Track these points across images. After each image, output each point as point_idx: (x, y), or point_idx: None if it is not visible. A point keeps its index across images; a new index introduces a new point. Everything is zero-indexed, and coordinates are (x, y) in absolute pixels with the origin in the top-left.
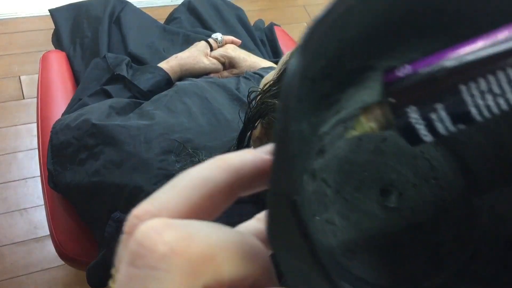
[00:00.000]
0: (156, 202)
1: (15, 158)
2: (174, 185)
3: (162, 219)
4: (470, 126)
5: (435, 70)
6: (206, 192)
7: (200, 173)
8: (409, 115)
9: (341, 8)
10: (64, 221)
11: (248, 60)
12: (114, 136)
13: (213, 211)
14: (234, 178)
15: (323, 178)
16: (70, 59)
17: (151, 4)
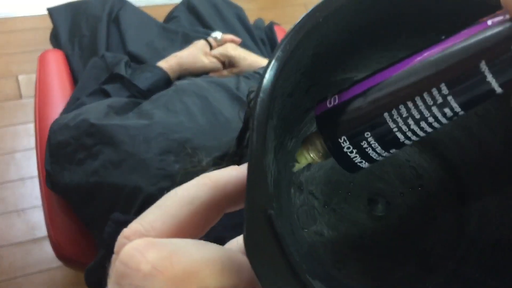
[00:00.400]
0: (144, 222)
1: (12, 158)
2: (161, 204)
3: (145, 239)
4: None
5: (360, 100)
6: (193, 210)
7: (187, 191)
8: (342, 145)
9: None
10: (62, 221)
11: (248, 59)
12: (112, 136)
13: (201, 227)
14: (220, 195)
15: (310, 190)
16: (68, 58)
17: (150, 3)
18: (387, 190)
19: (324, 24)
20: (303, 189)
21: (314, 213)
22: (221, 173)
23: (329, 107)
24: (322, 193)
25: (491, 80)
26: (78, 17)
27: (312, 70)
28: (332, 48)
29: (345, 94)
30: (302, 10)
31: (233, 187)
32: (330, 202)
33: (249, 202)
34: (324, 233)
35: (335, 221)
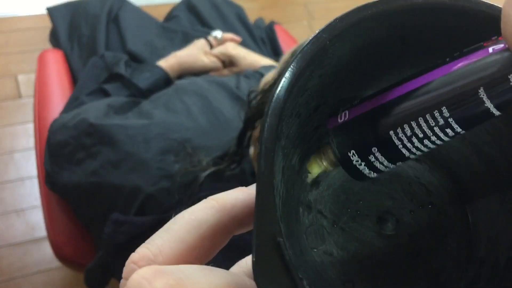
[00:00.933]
0: (152, 247)
1: (12, 158)
2: (168, 228)
3: (153, 267)
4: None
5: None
6: (200, 234)
7: (194, 214)
8: (351, 158)
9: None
10: (62, 222)
11: (248, 58)
12: (112, 135)
13: (209, 251)
14: (227, 218)
15: (319, 209)
16: (68, 58)
17: (150, 2)
18: (397, 208)
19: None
20: (312, 208)
21: (323, 232)
22: (227, 195)
23: (340, 122)
24: (331, 212)
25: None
26: (78, 17)
27: (319, 90)
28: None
29: (354, 110)
30: (302, 10)
31: (240, 210)
32: (339, 221)
33: (257, 229)
34: (333, 252)
35: (344, 240)
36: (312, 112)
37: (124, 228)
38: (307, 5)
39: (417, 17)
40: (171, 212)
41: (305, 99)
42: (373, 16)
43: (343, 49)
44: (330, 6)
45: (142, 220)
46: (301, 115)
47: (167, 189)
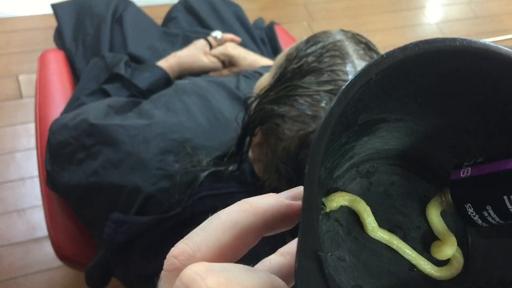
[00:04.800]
0: (191, 243)
1: (13, 158)
2: (205, 227)
3: (204, 263)
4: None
5: (486, 180)
6: (234, 235)
7: (229, 216)
8: (467, 210)
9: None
10: (63, 221)
11: (248, 59)
12: (112, 135)
13: (241, 251)
14: (259, 221)
15: (336, 218)
16: (72, 57)
17: (149, 3)
18: (405, 223)
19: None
20: (330, 216)
21: (338, 239)
22: (261, 200)
23: (462, 177)
24: (347, 222)
25: None
26: (83, 15)
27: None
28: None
29: (476, 170)
30: (302, 10)
31: (271, 215)
32: (353, 231)
33: (302, 242)
34: (346, 258)
35: (357, 248)
36: (343, 130)
37: (124, 228)
38: (306, 6)
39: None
40: (171, 212)
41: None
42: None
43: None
44: (330, 7)
45: (142, 219)
46: (335, 133)
47: (167, 189)
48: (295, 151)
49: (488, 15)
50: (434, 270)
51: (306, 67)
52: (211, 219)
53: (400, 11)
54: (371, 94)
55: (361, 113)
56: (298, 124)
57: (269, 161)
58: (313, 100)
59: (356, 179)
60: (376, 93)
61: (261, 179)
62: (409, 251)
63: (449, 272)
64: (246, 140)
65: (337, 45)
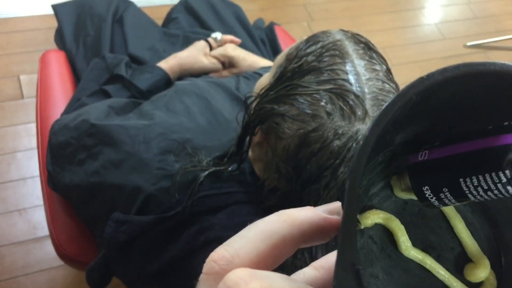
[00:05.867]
0: (230, 249)
1: (14, 158)
2: (244, 235)
3: (247, 269)
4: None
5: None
6: (272, 244)
7: (268, 225)
8: (424, 192)
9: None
10: (64, 221)
11: (247, 60)
12: (113, 136)
13: (277, 260)
14: (297, 232)
15: (370, 235)
16: (73, 58)
17: (149, 3)
18: (439, 243)
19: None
20: (364, 233)
21: (372, 256)
22: (298, 212)
23: (419, 160)
24: (380, 239)
25: None
26: (83, 16)
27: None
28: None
29: (433, 153)
30: (302, 11)
31: (308, 227)
32: (387, 248)
33: (341, 256)
34: (379, 276)
35: (390, 266)
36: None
37: (125, 227)
38: (306, 6)
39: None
40: (171, 212)
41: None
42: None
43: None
44: (329, 7)
45: (142, 219)
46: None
47: (167, 188)
48: (295, 150)
49: (487, 15)
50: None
51: (306, 67)
52: (249, 227)
53: (400, 11)
54: (410, 114)
55: (399, 132)
56: (298, 123)
57: (269, 160)
58: (313, 99)
59: (391, 198)
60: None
61: (261, 178)
62: (443, 271)
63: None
64: (246, 139)
65: (337, 45)
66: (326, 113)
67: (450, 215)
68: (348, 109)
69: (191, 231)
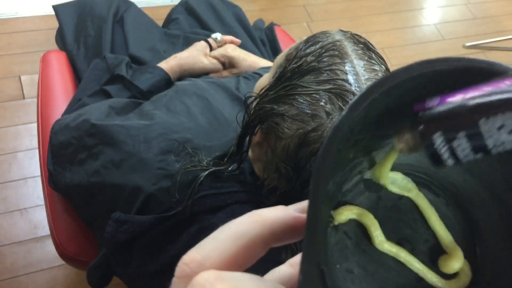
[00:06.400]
0: (202, 251)
1: (15, 158)
2: (216, 236)
3: (214, 271)
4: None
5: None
6: (243, 244)
7: (239, 226)
8: (434, 141)
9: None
10: (65, 220)
11: (247, 60)
12: (113, 136)
13: (249, 260)
14: (267, 232)
15: (345, 231)
16: (73, 58)
17: (150, 4)
18: (413, 236)
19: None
20: (339, 230)
21: (347, 252)
22: (269, 212)
23: (428, 106)
24: (355, 235)
25: None
26: (84, 16)
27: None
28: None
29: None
30: (302, 11)
31: (278, 226)
32: (362, 243)
33: (306, 255)
34: (354, 271)
35: (365, 261)
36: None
37: (125, 227)
38: (306, 7)
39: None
40: (172, 211)
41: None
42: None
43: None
44: (329, 8)
45: (143, 219)
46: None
47: (167, 188)
48: (295, 149)
49: (486, 16)
50: (442, 283)
51: (305, 67)
52: (221, 229)
53: (399, 12)
54: (378, 111)
55: (369, 129)
56: (298, 123)
57: (269, 160)
58: (312, 99)
59: (365, 193)
60: (382, 110)
61: (261, 178)
62: (417, 263)
63: (456, 285)
64: (246, 139)
65: (336, 45)
66: (325, 113)
67: (423, 207)
68: None
69: (191, 230)
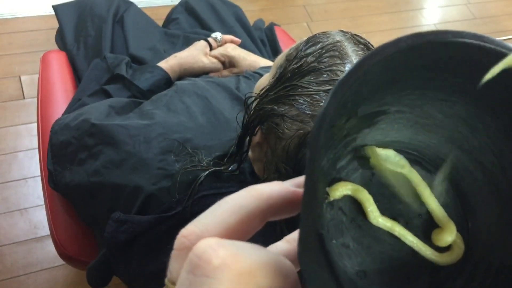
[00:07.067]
0: (200, 224)
1: (15, 158)
2: (213, 210)
3: (215, 238)
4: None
5: None
6: (240, 218)
7: (236, 200)
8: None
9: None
10: (65, 220)
11: (247, 59)
12: (113, 136)
13: (246, 233)
14: (264, 205)
15: (340, 207)
16: (73, 58)
17: (151, 4)
18: (406, 211)
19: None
20: (334, 205)
21: (342, 227)
22: (266, 186)
23: None
24: (350, 210)
25: None
26: (84, 16)
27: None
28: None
29: None
30: (302, 11)
31: (275, 200)
32: (356, 219)
33: (304, 220)
34: (350, 245)
35: (360, 235)
36: (343, 122)
37: (125, 227)
38: (306, 7)
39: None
40: (172, 211)
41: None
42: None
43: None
44: (328, 8)
45: (143, 219)
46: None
47: (167, 188)
48: (295, 150)
49: (486, 16)
50: (435, 255)
51: (305, 67)
52: (219, 203)
53: (399, 12)
54: (369, 86)
55: (360, 105)
56: (298, 123)
57: (269, 160)
58: (313, 99)
59: (359, 170)
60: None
61: (261, 178)
62: (411, 237)
63: (450, 258)
64: (246, 139)
65: (336, 46)
66: None
67: (416, 183)
68: None
69: None
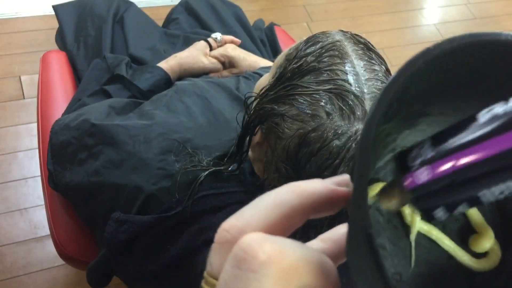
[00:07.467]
0: (241, 218)
1: (15, 158)
2: (255, 205)
3: (261, 233)
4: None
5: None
6: (282, 213)
7: (278, 195)
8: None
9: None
10: (65, 220)
11: (247, 60)
12: (113, 136)
13: (287, 229)
14: (306, 202)
15: (377, 207)
16: (73, 58)
17: (151, 4)
18: None
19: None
20: (372, 206)
21: (379, 228)
22: (308, 183)
23: (421, 183)
24: (387, 211)
25: None
26: (84, 16)
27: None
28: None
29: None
30: (302, 11)
31: (317, 198)
32: (393, 220)
33: (353, 220)
34: (386, 246)
35: (396, 237)
36: (387, 122)
37: (125, 227)
38: (306, 7)
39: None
40: (172, 211)
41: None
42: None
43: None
44: (329, 8)
45: (143, 219)
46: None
47: (167, 188)
48: (295, 150)
49: (486, 16)
50: (472, 261)
51: (305, 67)
52: (261, 197)
53: (399, 12)
54: (417, 85)
55: (405, 105)
56: (298, 123)
57: (269, 160)
58: (312, 99)
59: (395, 173)
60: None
61: (261, 178)
62: (448, 242)
63: (486, 264)
64: (246, 139)
65: (336, 45)
66: (325, 113)
67: None
68: (348, 109)
69: (192, 230)
